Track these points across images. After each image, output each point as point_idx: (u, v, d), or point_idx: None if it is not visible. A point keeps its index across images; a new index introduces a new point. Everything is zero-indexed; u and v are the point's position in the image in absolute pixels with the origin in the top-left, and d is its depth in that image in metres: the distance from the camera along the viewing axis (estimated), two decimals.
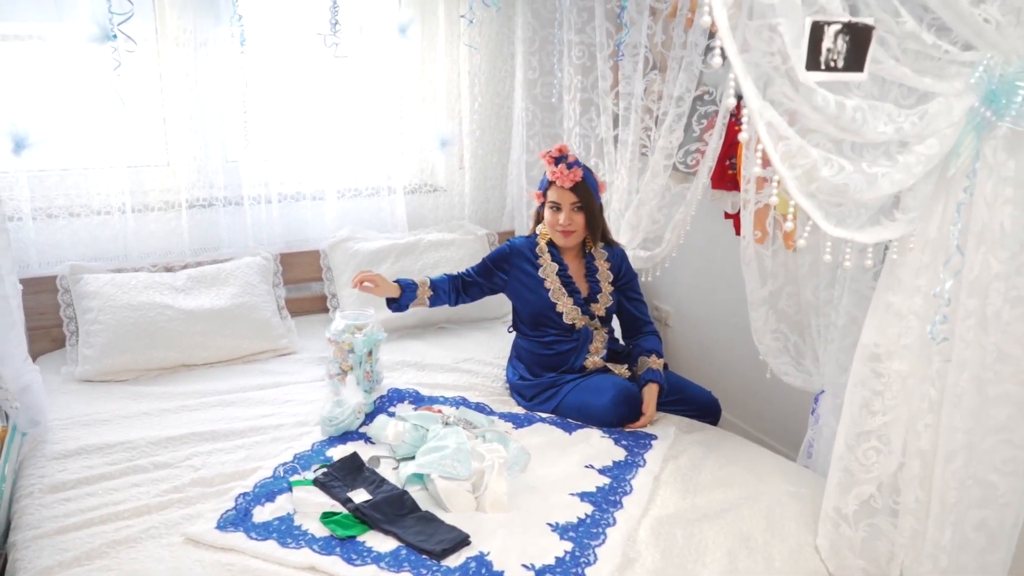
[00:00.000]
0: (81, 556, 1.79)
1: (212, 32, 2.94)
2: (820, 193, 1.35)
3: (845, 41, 1.29)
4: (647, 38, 2.69)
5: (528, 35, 3.33)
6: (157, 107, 3.02)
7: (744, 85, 1.16)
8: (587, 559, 1.80)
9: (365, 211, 3.46)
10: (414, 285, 2.62)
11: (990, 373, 1.58)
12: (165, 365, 2.78)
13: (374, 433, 2.31)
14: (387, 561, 1.78)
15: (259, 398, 2.61)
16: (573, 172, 2.49)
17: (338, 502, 1.98)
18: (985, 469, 1.63)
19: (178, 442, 2.29)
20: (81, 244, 2.96)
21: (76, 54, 2.77)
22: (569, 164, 2.50)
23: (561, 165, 2.50)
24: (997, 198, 1.55)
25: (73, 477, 2.10)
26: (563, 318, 2.59)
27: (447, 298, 2.68)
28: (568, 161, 2.50)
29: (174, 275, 2.96)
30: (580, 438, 2.37)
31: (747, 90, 1.18)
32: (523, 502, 2.02)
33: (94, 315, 2.75)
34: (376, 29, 3.25)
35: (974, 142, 1.57)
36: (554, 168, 2.51)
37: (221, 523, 1.90)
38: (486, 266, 2.70)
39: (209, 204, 3.14)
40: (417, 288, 2.62)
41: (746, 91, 1.18)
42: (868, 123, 1.38)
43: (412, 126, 3.49)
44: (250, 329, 2.92)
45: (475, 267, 2.72)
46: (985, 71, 1.51)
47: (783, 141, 1.25)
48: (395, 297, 2.61)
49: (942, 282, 1.62)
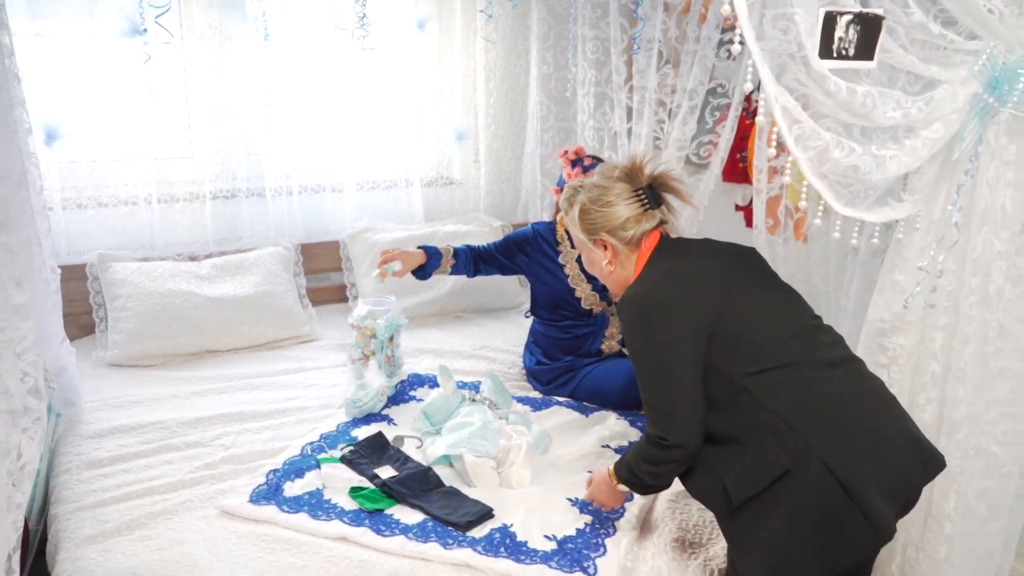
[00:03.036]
0: (121, 527, 1.87)
1: (237, 27, 3.02)
2: (832, 174, 1.43)
3: (856, 31, 1.36)
4: (661, 33, 2.76)
5: (543, 31, 3.40)
6: (182, 101, 3.11)
7: (761, 71, 1.24)
8: (607, 531, 1.87)
9: (383, 203, 3.54)
10: (438, 253, 2.66)
11: (992, 348, 1.65)
12: (191, 351, 2.87)
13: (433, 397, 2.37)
14: (415, 532, 1.85)
15: (284, 382, 2.69)
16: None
17: (365, 478, 2.06)
18: (988, 440, 1.70)
19: (207, 423, 2.37)
20: (109, 233, 3.05)
21: (106, 49, 2.86)
22: (585, 168, 2.58)
23: (577, 168, 2.59)
24: (999, 180, 1.62)
25: (108, 455, 2.18)
26: (581, 303, 2.66)
27: (467, 269, 2.72)
28: (584, 164, 2.59)
29: (199, 264, 3.04)
30: (596, 420, 2.45)
31: (764, 76, 1.25)
32: (544, 479, 2.10)
33: (123, 302, 2.84)
34: (395, 25, 3.33)
35: (978, 127, 1.64)
36: (571, 171, 2.59)
37: (254, 497, 1.98)
38: (508, 246, 2.74)
39: (232, 195, 3.22)
40: (441, 257, 2.66)
41: (763, 77, 1.25)
42: (877, 108, 1.46)
43: (429, 120, 3.57)
44: (273, 317, 3.01)
45: (497, 244, 2.76)
46: (988, 59, 1.59)
47: (797, 124, 1.32)
48: (421, 264, 2.65)
49: (932, 257, 1.69)
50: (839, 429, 1.51)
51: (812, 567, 1.50)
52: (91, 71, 2.89)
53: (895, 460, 1.52)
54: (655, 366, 1.60)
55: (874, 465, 1.49)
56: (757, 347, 1.57)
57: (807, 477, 1.48)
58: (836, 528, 1.48)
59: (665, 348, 1.58)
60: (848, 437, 1.50)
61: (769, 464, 1.51)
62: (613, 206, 1.74)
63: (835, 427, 1.51)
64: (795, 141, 1.31)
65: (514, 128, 3.72)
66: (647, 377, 1.62)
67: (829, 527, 1.48)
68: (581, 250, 1.88)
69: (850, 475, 1.46)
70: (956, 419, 1.70)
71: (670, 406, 1.59)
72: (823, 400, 1.54)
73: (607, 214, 1.75)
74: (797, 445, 1.49)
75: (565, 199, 1.86)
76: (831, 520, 1.48)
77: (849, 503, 1.46)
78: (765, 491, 1.52)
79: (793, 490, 1.49)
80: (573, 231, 1.84)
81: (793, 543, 1.50)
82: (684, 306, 1.58)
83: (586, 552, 1.78)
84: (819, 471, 1.48)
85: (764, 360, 1.56)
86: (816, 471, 1.48)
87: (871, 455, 1.50)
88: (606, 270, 1.80)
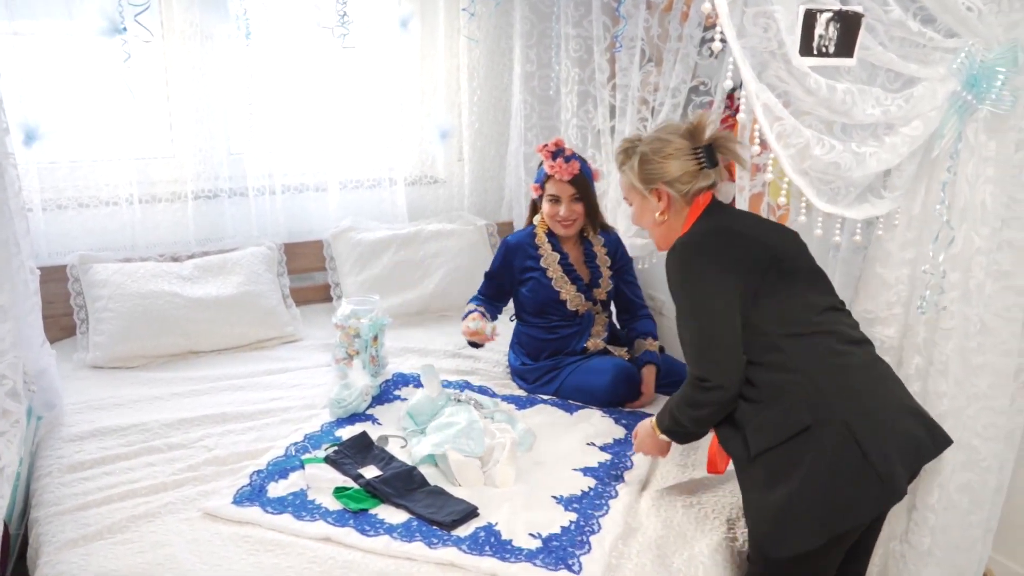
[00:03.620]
0: (103, 530, 1.85)
1: (218, 26, 3.00)
2: (812, 171, 1.44)
3: (836, 28, 1.37)
4: (643, 31, 2.77)
5: (526, 29, 3.40)
6: (163, 100, 3.08)
7: (743, 68, 1.24)
8: (591, 528, 1.87)
9: (367, 202, 3.53)
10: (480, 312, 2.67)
11: (973, 344, 1.67)
12: (174, 352, 2.85)
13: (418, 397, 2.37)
14: (399, 532, 1.85)
15: (267, 383, 2.67)
16: (571, 165, 2.56)
17: (349, 478, 2.05)
18: (968, 434, 1.72)
19: (190, 424, 2.36)
20: (90, 234, 3.02)
21: (85, 48, 2.83)
22: (567, 157, 2.57)
23: (559, 159, 2.57)
24: (978, 177, 1.64)
25: (90, 457, 2.16)
26: (567, 305, 2.66)
27: (494, 314, 2.75)
28: (565, 155, 2.58)
29: (181, 264, 3.02)
30: (581, 418, 2.45)
31: (745, 73, 1.25)
32: (528, 477, 2.09)
33: (104, 303, 2.81)
34: (378, 23, 3.32)
35: (957, 124, 1.66)
36: (552, 162, 2.58)
37: (237, 498, 1.97)
38: (493, 283, 2.77)
39: (214, 195, 3.21)
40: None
41: (744, 74, 1.25)
42: (857, 105, 1.47)
43: (412, 119, 3.56)
44: (256, 317, 2.99)
45: (484, 287, 2.78)
46: (967, 57, 1.60)
47: (779, 122, 1.33)
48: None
49: (932, 258, 1.71)
50: (860, 395, 1.60)
51: (819, 523, 1.56)
52: (70, 70, 2.86)
53: (907, 430, 1.61)
54: (700, 309, 1.68)
55: (890, 431, 1.59)
56: (794, 313, 1.67)
57: (827, 435, 1.57)
58: (848, 487, 1.55)
59: (711, 292, 1.66)
60: (868, 403, 1.60)
61: (791, 420, 1.60)
62: (673, 159, 1.80)
63: (856, 393, 1.60)
64: (776, 138, 1.32)
65: (498, 126, 3.72)
66: (691, 319, 1.70)
67: (841, 485, 1.55)
68: (632, 200, 1.93)
69: (868, 436, 1.55)
70: (938, 412, 1.71)
71: (713, 348, 1.67)
72: (847, 369, 1.64)
73: (665, 166, 1.80)
74: (820, 404, 1.58)
75: (622, 150, 1.90)
76: (845, 478, 1.55)
77: (864, 463, 1.54)
78: (783, 444, 1.60)
79: (812, 447, 1.57)
80: (628, 180, 1.89)
81: (805, 498, 1.57)
82: (733, 259, 1.66)
83: (571, 550, 1.78)
84: (839, 431, 1.56)
85: (799, 325, 1.66)
86: (836, 430, 1.56)
87: (887, 422, 1.59)
88: (658, 220, 1.86)
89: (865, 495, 1.55)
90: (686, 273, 1.70)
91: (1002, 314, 1.69)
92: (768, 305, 1.66)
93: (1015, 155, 1.65)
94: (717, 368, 1.66)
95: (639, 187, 1.86)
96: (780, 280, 1.68)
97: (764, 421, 1.63)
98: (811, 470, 1.57)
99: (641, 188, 1.85)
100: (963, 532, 1.79)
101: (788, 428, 1.60)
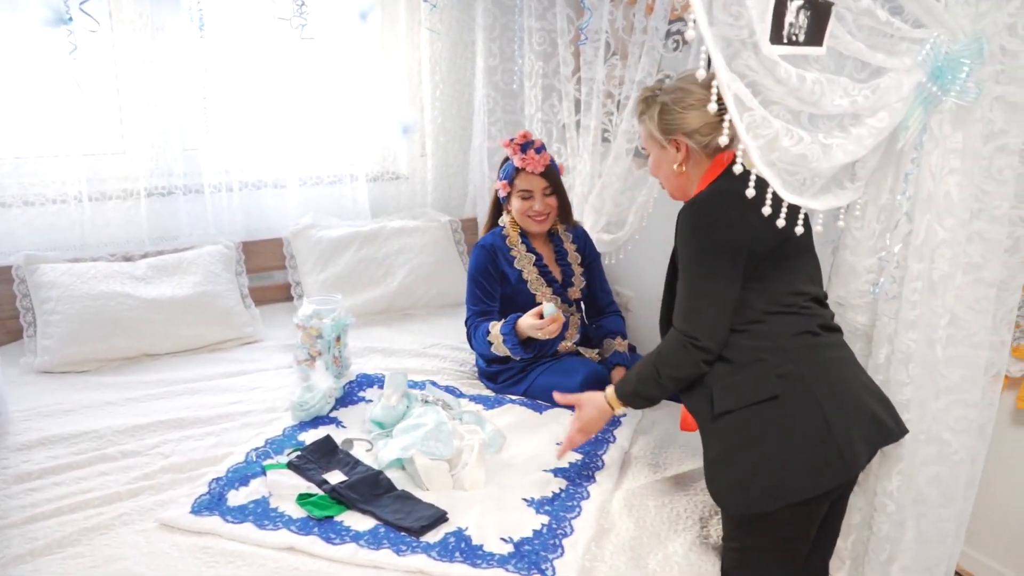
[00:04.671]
0: (52, 544, 1.76)
1: (170, 16, 2.90)
2: (780, 162, 1.41)
3: (807, 16, 1.34)
4: (608, 24, 2.74)
5: (488, 22, 3.35)
6: (113, 94, 2.97)
7: (714, 57, 1.21)
8: (563, 531, 1.83)
9: (327, 199, 3.45)
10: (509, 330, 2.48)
11: (941, 335, 1.66)
12: (127, 355, 2.75)
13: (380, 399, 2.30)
14: (366, 539, 1.79)
15: (226, 386, 2.59)
16: (543, 156, 2.51)
17: (313, 484, 1.99)
18: (939, 427, 1.72)
19: (145, 430, 2.27)
20: (36, 233, 2.91)
21: (28, 39, 2.71)
22: (537, 149, 2.51)
23: (530, 151, 2.51)
24: (942, 168, 1.63)
25: (38, 467, 2.06)
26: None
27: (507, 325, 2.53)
28: (536, 146, 2.52)
29: (134, 264, 2.92)
30: (550, 418, 2.41)
31: (717, 62, 1.22)
32: (498, 479, 2.05)
33: (52, 305, 2.70)
34: (337, 14, 3.24)
35: (922, 116, 1.64)
36: (523, 155, 2.51)
37: (195, 508, 1.89)
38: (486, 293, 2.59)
39: (168, 192, 3.11)
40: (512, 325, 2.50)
41: (716, 63, 1.22)
42: (826, 96, 1.44)
43: (373, 113, 3.49)
44: (214, 318, 2.90)
45: (471, 301, 2.62)
46: (932, 48, 1.59)
47: (748, 112, 1.30)
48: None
49: (888, 247, 1.70)
50: (828, 372, 1.67)
51: (776, 486, 1.60)
52: (13, 63, 2.74)
53: (871, 410, 1.66)
54: (706, 267, 1.67)
55: (854, 407, 1.64)
56: (785, 292, 1.71)
57: (794, 404, 1.62)
58: (809, 455, 1.60)
59: (720, 253, 1.66)
60: (835, 380, 1.66)
61: (760, 387, 1.64)
62: (693, 109, 1.76)
63: (825, 370, 1.66)
64: (746, 129, 1.29)
65: (461, 121, 3.66)
66: (695, 277, 1.69)
67: (803, 453, 1.60)
68: (650, 150, 1.88)
69: (834, 410, 1.61)
70: (900, 400, 1.72)
71: (710, 307, 1.67)
72: (819, 347, 1.70)
73: (686, 116, 1.77)
74: (792, 375, 1.63)
75: (643, 99, 1.85)
76: (806, 447, 1.60)
77: (828, 434, 1.60)
78: (747, 408, 1.65)
79: (778, 414, 1.62)
80: (647, 130, 1.85)
81: (766, 465, 1.61)
82: (747, 225, 1.64)
83: (543, 554, 1.74)
84: (807, 402, 1.62)
85: (784, 305, 1.70)
86: (804, 401, 1.62)
87: (852, 399, 1.65)
88: (675, 171, 1.82)
89: (825, 465, 1.60)
90: (698, 228, 1.69)
91: (973, 306, 1.68)
92: (763, 280, 1.69)
93: (983, 147, 1.64)
94: (709, 327, 1.67)
95: (658, 137, 1.81)
96: (782, 259, 1.70)
97: (733, 383, 1.67)
98: (774, 435, 1.61)
99: (660, 138, 1.81)
100: (934, 526, 1.79)
101: (756, 394, 1.64)
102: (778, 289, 1.71)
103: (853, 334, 1.87)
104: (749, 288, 1.69)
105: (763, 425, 1.63)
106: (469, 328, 2.63)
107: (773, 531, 1.67)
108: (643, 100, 1.86)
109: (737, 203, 1.62)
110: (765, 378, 1.64)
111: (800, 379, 1.63)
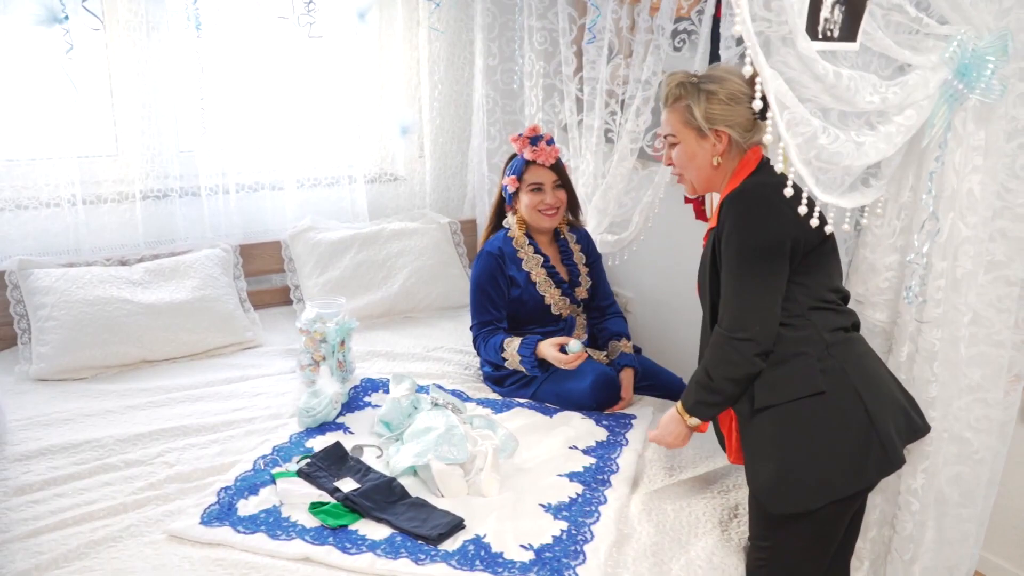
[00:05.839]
0: (59, 558, 1.71)
1: (166, 16, 2.84)
2: (816, 160, 1.39)
3: (841, 11, 1.32)
4: (612, 22, 2.71)
5: (488, 21, 3.32)
6: (106, 95, 2.90)
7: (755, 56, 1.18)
8: (584, 537, 1.80)
9: (325, 201, 3.40)
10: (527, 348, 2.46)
11: (964, 333, 1.65)
12: (126, 361, 2.68)
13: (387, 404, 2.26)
14: (383, 548, 1.74)
15: (228, 392, 2.53)
16: (553, 149, 2.51)
17: (325, 492, 1.94)
18: (960, 426, 1.71)
19: (148, 439, 2.21)
20: (30, 238, 2.84)
21: (22, 40, 2.64)
22: (548, 141, 2.51)
23: (541, 143, 2.50)
24: (966, 166, 1.62)
25: (39, 478, 2.00)
26: (551, 309, 2.57)
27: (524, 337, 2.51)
28: (546, 139, 2.51)
29: (130, 268, 2.85)
30: (561, 420, 2.37)
31: (758, 60, 1.19)
32: (512, 484, 2.01)
33: (48, 311, 2.63)
34: (335, 15, 3.19)
35: (947, 113, 1.63)
36: (534, 147, 2.50)
37: (205, 518, 1.84)
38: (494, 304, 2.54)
39: (164, 195, 3.04)
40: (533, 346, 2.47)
41: (757, 61, 1.19)
42: (859, 92, 1.42)
43: (371, 114, 3.44)
44: (213, 322, 2.84)
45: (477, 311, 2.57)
46: (959, 45, 1.57)
47: (787, 110, 1.28)
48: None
49: (917, 247, 1.68)
50: (865, 368, 1.68)
51: (822, 483, 1.60)
52: (5, 63, 2.67)
53: (902, 405, 1.69)
54: (755, 257, 1.64)
55: (890, 402, 1.66)
56: (826, 288, 1.71)
57: (838, 400, 1.62)
58: (854, 451, 1.60)
59: (772, 243, 1.64)
60: (873, 375, 1.68)
61: (805, 383, 1.64)
62: (739, 104, 1.73)
63: (863, 366, 1.67)
64: (787, 126, 1.26)
65: (459, 121, 3.62)
66: (743, 266, 1.65)
67: (848, 448, 1.60)
68: (682, 139, 1.80)
69: (874, 405, 1.62)
70: (926, 398, 1.71)
71: (757, 300, 1.65)
72: (852, 342, 1.71)
73: (734, 110, 1.73)
74: (835, 371, 1.63)
75: (679, 84, 1.77)
76: (852, 442, 1.61)
77: (871, 429, 1.60)
78: (789, 403, 1.64)
79: (823, 409, 1.62)
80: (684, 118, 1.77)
81: (813, 461, 1.61)
82: (792, 219, 1.58)
83: (566, 560, 1.71)
84: (850, 397, 1.62)
85: (827, 299, 1.71)
86: (848, 396, 1.62)
87: (888, 394, 1.67)
88: (710, 162, 1.77)
89: (870, 460, 1.60)
90: (750, 216, 1.66)
91: (995, 304, 1.68)
92: (807, 274, 1.68)
93: (1006, 145, 1.63)
94: (754, 318, 1.64)
95: (701, 125, 1.74)
96: (821, 256, 1.70)
97: (774, 378, 1.66)
98: (820, 431, 1.61)
99: (703, 126, 1.74)
100: (955, 526, 1.78)
101: (800, 389, 1.64)
102: (820, 284, 1.70)
103: (871, 331, 1.87)
104: (793, 282, 1.67)
105: (808, 420, 1.62)
106: (477, 340, 2.59)
107: (808, 529, 1.65)
108: (681, 84, 1.78)
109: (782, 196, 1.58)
110: (809, 373, 1.63)
111: (843, 374, 1.63)
